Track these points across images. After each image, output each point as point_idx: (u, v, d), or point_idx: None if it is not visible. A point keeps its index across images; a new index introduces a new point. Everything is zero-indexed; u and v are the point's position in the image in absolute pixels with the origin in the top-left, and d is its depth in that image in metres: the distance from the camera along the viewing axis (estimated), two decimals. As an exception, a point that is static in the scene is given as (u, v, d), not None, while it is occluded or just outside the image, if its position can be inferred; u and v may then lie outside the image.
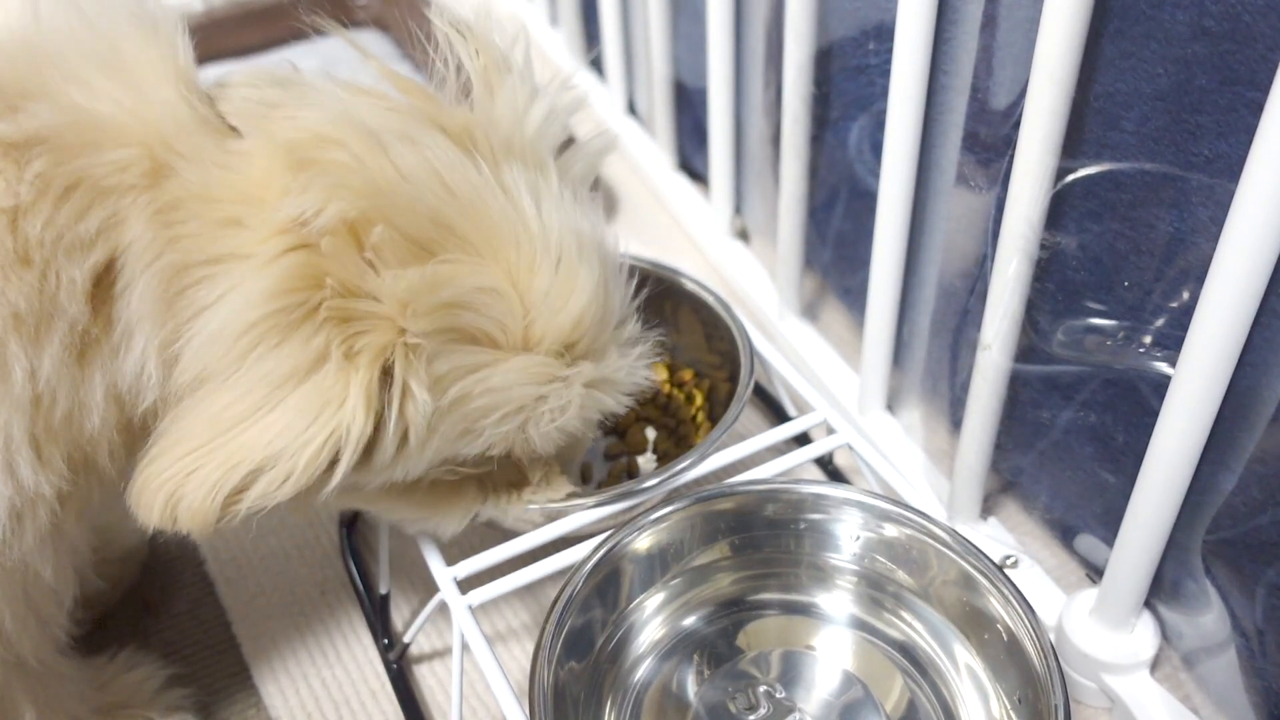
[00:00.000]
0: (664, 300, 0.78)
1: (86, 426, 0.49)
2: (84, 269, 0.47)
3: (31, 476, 0.48)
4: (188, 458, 0.47)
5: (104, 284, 0.48)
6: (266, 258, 0.48)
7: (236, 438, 0.47)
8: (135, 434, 0.52)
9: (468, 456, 0.55)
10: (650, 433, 0.80)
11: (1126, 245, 0.59)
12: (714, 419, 0.77)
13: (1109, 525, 0.66)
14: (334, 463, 0.48)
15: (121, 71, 0.49)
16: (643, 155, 1.12)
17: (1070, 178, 0.60)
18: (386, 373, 0.49)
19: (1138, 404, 0.62)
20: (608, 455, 0.79)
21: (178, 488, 0.47)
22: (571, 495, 0.64)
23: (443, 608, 0.63)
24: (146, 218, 0.47)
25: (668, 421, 0.79)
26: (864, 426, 0.83)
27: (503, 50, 0.56)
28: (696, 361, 0.81)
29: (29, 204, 0.45)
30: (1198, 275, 0.52)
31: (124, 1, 0.51)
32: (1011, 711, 0.57)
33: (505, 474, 0.62)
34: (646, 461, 0.79)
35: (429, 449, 0.53)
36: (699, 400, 0.79)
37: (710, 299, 0.77)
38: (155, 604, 0.76)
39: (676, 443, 0.78)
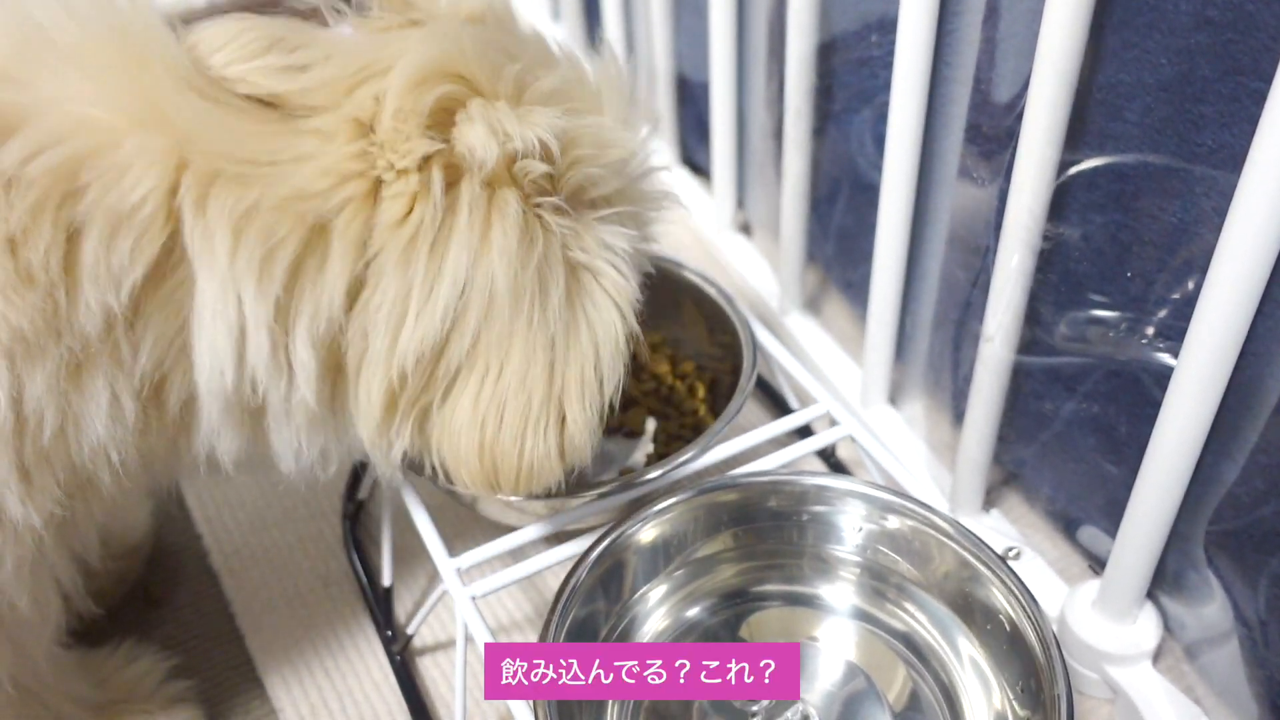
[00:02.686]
0: (666, 293, 0.78)
1: (86, 439, 0.48)
2: (120, 295, 0.46)
3: (19, 508, 0.46)
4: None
5: (145, 298, 0.47)
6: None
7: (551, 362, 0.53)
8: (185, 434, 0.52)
9: None
10: (651, 423, 0.80)
11: (1129, 236, 0.59)
12: (716, 412, 0.77)
13: (1111, 517, 0.66)
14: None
15: (127, 84, 0.46)
16: (645, 149, 1.12)
17: (1073, 170, 0.60)
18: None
19: (1140, 395, 0.62)
20: (607, 430, 0.78)
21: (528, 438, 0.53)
22: (575, 490, 0.64)
23: (446, 599, 0.63)
24: (228, 226, 0.46)
25: (669, 412, 0.80)
26: (866, 419, 0.83)
27: None
28: (699, 354, 0.81)
29: (24, 231, 0.44)
30: (1201, 266, 0.52)
31: (102, 9, 0.48)
32: (1014, 702, 0.58)
33: None
34: (646, 450, 0.79)
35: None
36: (700, 392, 0.79)
37: (713, 291, 0.77)
38: (158, 597, 0.76)
39: (677, 434, 0.78)
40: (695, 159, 1.08)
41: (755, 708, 0.59)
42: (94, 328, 0.46)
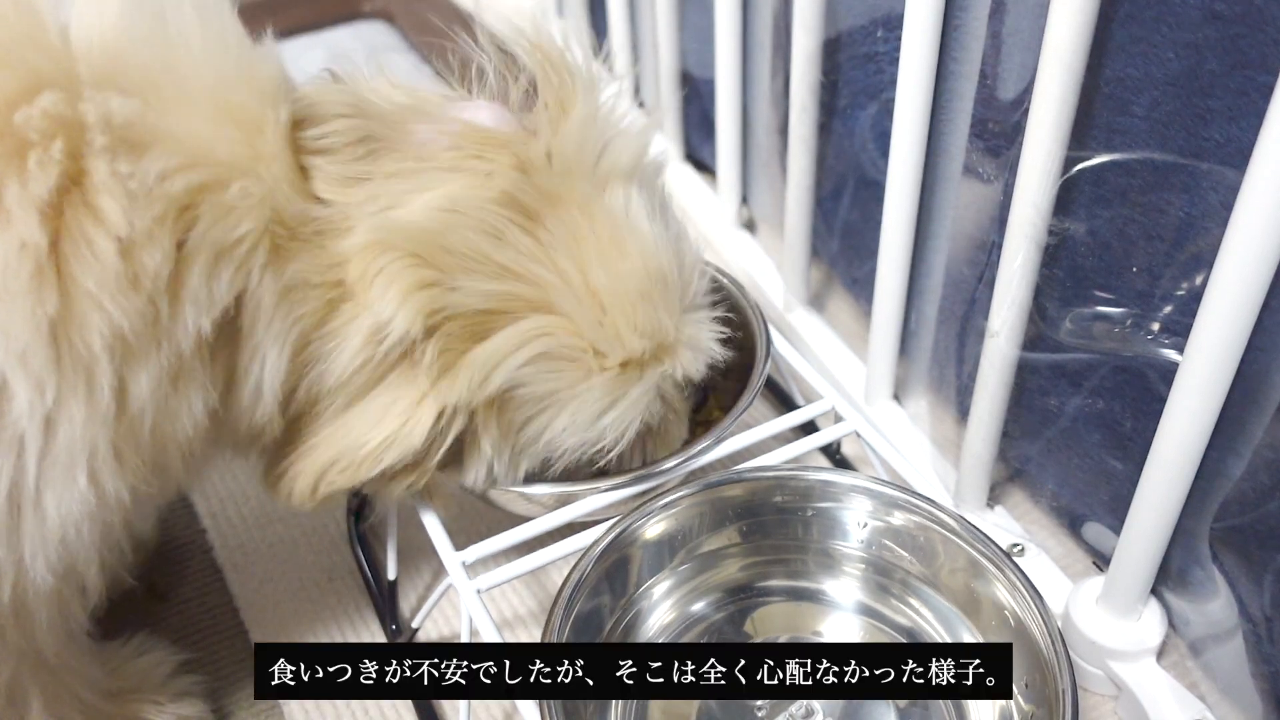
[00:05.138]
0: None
1: (177, 436, 0.52)
2: (210, 320, 0.50)
3: (113, 483, 0.50)
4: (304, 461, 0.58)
5: (224, 332, 0.52)
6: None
7: (329, 442, 0.57)
8: (223, 445, 0.59)
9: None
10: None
11: (1136, 231, 0.59)
12: (724, 407, 0.77)
13: (1116, 513, 0.66)
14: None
15: (245, 128, 0.51)
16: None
17: (1080, 165, 0.60)
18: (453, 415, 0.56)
19: (1146, 391, 0.62)
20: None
21: (294, 480, 0.58)
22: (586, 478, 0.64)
23: (451, 593, 0.63)
24: (275, 294, 0.52)
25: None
26: (871, 415, 0.83)
27: (572, 63, 0.60)
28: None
29: (144, 238, 0.47)
30: (1207, 261, 0.52)
31: (238, 44, 0.53)
32: (1018, 697, 0.58)
33: None
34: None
35: (519, 468, 0.62)
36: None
37: (725, 281, 0.77)
38: (162, 591, 0.76)
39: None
40: (700, 155, 1.08)
41: (760, 703, 0.59)
42: (188, 346, 0.50)
